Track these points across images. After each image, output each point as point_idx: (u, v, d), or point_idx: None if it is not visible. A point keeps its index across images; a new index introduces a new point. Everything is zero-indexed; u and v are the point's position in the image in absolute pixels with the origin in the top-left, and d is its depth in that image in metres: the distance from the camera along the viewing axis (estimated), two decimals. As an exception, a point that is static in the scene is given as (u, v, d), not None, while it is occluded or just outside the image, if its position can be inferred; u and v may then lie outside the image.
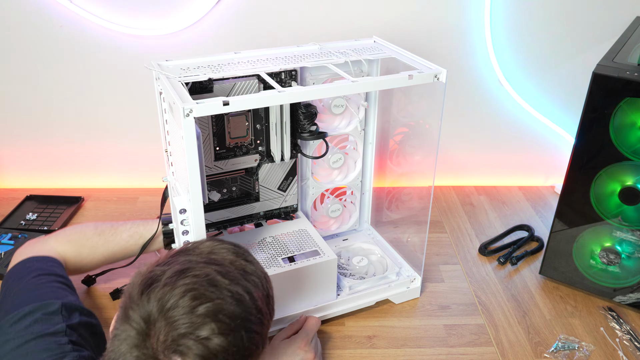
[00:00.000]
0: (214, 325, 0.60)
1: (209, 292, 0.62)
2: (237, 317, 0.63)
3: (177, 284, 0.62)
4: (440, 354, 1.05)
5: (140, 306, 0.62)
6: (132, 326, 0.61)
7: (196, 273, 0.64)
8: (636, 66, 1.03)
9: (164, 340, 0.60)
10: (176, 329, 0.60)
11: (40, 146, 1.50)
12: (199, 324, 0.60)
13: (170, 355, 0.60)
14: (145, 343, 0.61)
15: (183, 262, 0.67)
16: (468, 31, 1.41)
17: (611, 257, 1.13)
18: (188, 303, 0.61)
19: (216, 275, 0.65)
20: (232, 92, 1.00)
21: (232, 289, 0.64)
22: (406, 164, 1.26)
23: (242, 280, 0.67)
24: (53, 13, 1.32)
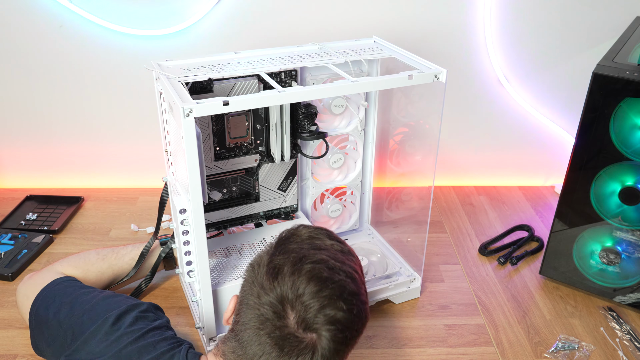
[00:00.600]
0: (340, 303, 0.69)
1: (331, 275, 0.71)
2: (355, 293, 0.72)
3: (301, 271, 0.70)
4: (440, 354, 1.05)
5: (274, 292, 0.70)
6: (270, 309, 0.70)
7: (314, 259, 0.72)
8: (636, 66, 1.03)
9: (300, 321, 0.68)
10: (309, 310, 0.68)
11: (40, 146, 1.50)
12: (328, 304, 0.68)
13: (305, 332, 0.68)
14: (284, 323, 0.69)
15: (295, 249, 0.75)
16: (468, 31, 1.41)
17: (611, 257, 1.13)
18: (316, 287, 0.69)
19: (329, 259, 0.73)
20: (232, 92, 1.00)
21: (345, 270, 0.73)
22: (406, 164, 1.26)
23: (346, 260, 0.76)
24: (53, 13, 1.32)
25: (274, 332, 0.69)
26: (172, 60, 0.98)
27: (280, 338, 0.69)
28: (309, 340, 0.68)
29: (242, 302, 0.74)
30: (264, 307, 0.70)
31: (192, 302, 1.07)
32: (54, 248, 1.30)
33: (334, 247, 0.77)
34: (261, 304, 0.70)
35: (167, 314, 0.93)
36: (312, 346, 0.69)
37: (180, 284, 1.18)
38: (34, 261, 1.25)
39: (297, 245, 0.76)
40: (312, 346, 0.69)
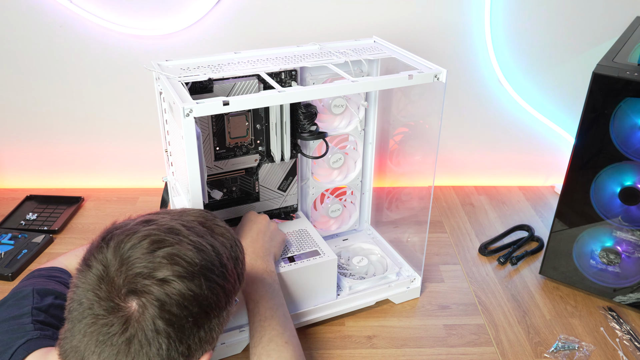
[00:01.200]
0: (171, 267, 0.60)
1: (169, 238, 0.63)
2: (195, 264, 0.62)
3: (138, 230, 0.63)
4: (440, 354, 1.05)
5: (100, 251, 0.62)
6: (91, 271, 0.61)
7: (159, 222, 0.65)
8: (636, 66, 1.03)
9: (120, 281, 0.60)
10: (132, 269, 0.60)
11: (40, 146, 1.50)
12: (156, 264, 0.60)
13: (124, 297, 0.59)
14: (100, 285, 0.60)
15: (148, 216, 0.68)
16: (468, 31, 1.41)
17: (611, 257, 1.13)
18: (146, 246, 0.61)
19: (179, 226, 0.65)
20: (232, 92, 1.00)
21: (194, 239, 0.64)
22: (406, 164, 1.26)
23: (208, 236, 0.67)
24: (53, 13, 1.32)
25: (91, 296, 0.60)
26: (172, 60, 0.98)
27: (93, 303, 0.59)
28: (127, 309, 0.59)
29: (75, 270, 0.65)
30: (88, 272, 0.61)
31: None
32: (54, 248, 1.30)
33: (203, 225, 0.69)
34: (86, 268, 0.62)
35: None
36: (127, 316, 0.59)
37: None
38: (34, 261, 1.25)
39: (155, 216, 0.68)
40: (127, 316, 0.59)
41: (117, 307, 0.59)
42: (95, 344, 0.60)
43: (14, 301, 0.81)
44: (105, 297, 0.60)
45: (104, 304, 0.59)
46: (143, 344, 0.59)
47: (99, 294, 0.60)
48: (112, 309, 0.59)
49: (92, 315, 0.60)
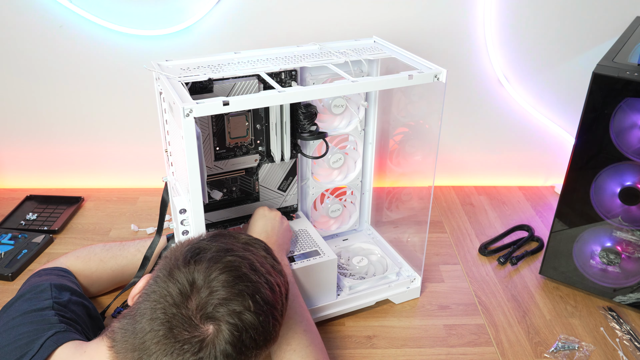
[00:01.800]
0: (250, 303, 0.65)
1: (250, 274, 0.68)
2: (269, 303, 0.68)
3: (222, 259, 0.67)
4: (440, 354, 1.05)
5: (187, 270, 0.66)
6: (177, 286, 0.65)
7: (239, 254, 0.70)
8: (636, 66, 1.03)
9: (204, 305, 0.64)
10: (215, 297, 0.64)
11: (40, 146, 1.50)
12: (236, 298, 0.65)
13: (204, 320, 0.64)
14: (185, 304, 0.64)
15: (226, 242, 0.72)
16: (468, 31, 1.41)
17: (611, 257, 1.13)
18: (230, 279, 0.66)
19: (255, 262, 0.70)
20: (232, 92, 1.00)
21: (268, 278, 0.70)
22: (406, 164, 1.26)
23: (274, 274, 0.73)
24: (53, 13, 1.32)
25: (170, 309, 0.64)
26: (172, 60, 0.98)
27: (173, 317, 0.64)
28: (204, 332, 0.64)
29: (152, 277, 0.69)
30: (171, 283, 0.65)
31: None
32: (54, 248, 1.30)
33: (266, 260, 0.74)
34: (170, 279, 0.66)
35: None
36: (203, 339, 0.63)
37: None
38: (34, 261, 1.25)
39: (230, 240, 0.73)
40: (203, 339, 0.63)
41: (196, 327, 0.64)
42: (165, 354, 0.63)
43: (32, 295, 0.83)
44: (187, 315, 0.64)
45: (185, 321, 0.64)
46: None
47: (182, 311, 0.64)
48: (191, 328, 0.64)
49: (169, 328, 0.64)
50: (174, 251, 0.71)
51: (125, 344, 0.67)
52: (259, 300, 0.67)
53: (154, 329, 0.64)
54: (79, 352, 0.72)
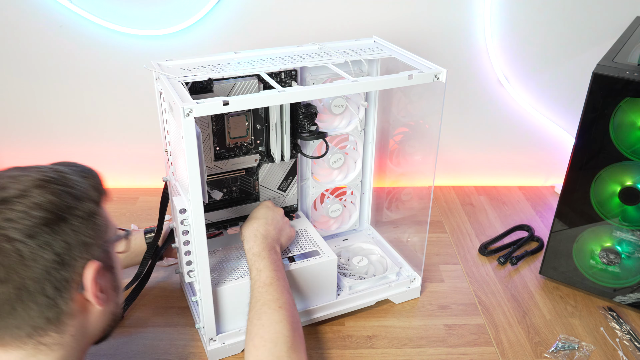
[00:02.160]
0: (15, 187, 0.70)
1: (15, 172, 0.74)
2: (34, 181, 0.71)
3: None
4: (440, 354, 1.05)
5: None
6: None
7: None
8: (636, 66, 1.03)
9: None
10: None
11: (40, 146, 1.50)
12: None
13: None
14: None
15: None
16: (468, 31, 1.41)
17: (611, 257, 1.13)
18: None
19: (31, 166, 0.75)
20: (232, 92, 1.00)
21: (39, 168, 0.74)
22: (406, 164, 1.26)
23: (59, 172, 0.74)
24: (53, 13, 1.32)
25: None
26: (172, 60, 0.98)
27: None
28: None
29: None
30: None
31: (192, 302, 1.07)
32: (54, 248, 1.29)
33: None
34: None
35: (167, 314, 0.92)
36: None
37: (180, 284, 1.18)
38: (34, 261, 1.24)
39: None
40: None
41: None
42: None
43: None
44: None
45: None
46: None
47: None
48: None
49: None
50: None
51: None
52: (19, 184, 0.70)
53: None
54: None
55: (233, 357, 1.01)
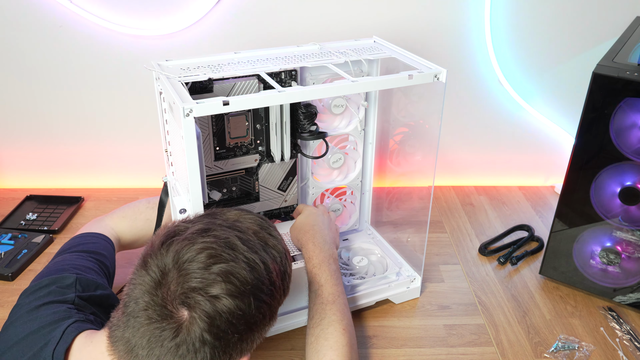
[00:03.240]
0: (224, 285, 0.64)
1: (225, 254, 0.65)
2: (247, 283, 0.65)
3: (196, 240, 0.66)
4: (440, 354, 1.05)
5: (159, 256, 0.66)
6: (149, 273, 0.65)
7: (217, 234, 0.67)
8: (636, 66, 1.03)
9: (175, 290, 0.63)
10: (188, 282, 0.63)
11: (40, 146, 1.50)
12: (211, 281, 0.63)
13: (177, 306, 0.63)
14: (157, 291, 0.64)
15: (207, 222, 0.70)
16: (468, 31, 1.41)
17: (611, 257, 1.13)
18: (203, 260, 0.64)
19: (236, 240, 0.68)
20: (232, 92, 1.00)
21: (248, 256, 0.67)
22: (406, 164, 1.26)
23: (261, 251, 0.70)
24: (53, 13, 1.32)
25: (145, 296, 0.64)
26: (172, 60, 0.98)
27: (148, 305, 0.64)
28: (179, 318, 0.63)
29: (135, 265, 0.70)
30: (144, 271, 0.65)
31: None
32: (54, 248, 1.29)
33: (257, 235, 0.71)
34: (143, 267, 0.66)
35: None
36: (179, 325, 0.63)
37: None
38: (34, 261, 1.25)
39: (213, 220, 0.71)
40: (179, 325, 0.63)
41: (170, 314, 0.64)
42: (147, 342, 0.64)
43: (56, 288, 0.84)
44: (159, 303, 0.64)
45: (158, 310, 0.64)
46: (190, 350, 0.64)
47: (154, 299, 0.64)
48: (165, 315, 0.64)
49: (147, 317, 0.64)
50: (154, 236, 0.71)
51: (117, 332, 0.68)
52: (235, 281, 0.64)
53: (135, 317, 0.65)
54: (88, 341, 0.73)
55: (233, 357, 1.01)
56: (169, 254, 0.65)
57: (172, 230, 0.69)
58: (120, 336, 0.67)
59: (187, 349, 0.64)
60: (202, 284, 0.63)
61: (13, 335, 0.76)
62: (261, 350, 1.02)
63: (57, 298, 0.82)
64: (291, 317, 1.05)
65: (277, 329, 1.04)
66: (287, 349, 1.03)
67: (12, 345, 0.75)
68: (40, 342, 0.73)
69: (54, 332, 0.74)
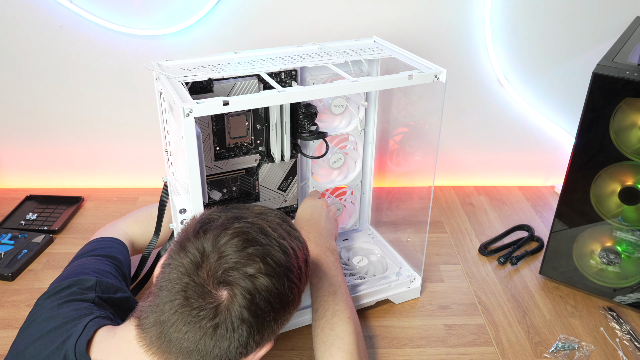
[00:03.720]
0: (262, 265, 0.66)
1: (260, 238, 0.69)
2: (281, 265, 0.69)
3: (232, 225, 0.69)
4: (440, 354, 1.05)
5: (197, 240, 0.68)
6: (188, 256, 0.67)
7: (249, 221, 0.71)
8: (636, 66, 1.03)
9: (215, 271, 0.66)
10: (226, 262, 0.66)
11: (40, 146, 1.50)
12: (248, 261, 0.66)
13: (217, 286, 0.65)
14: (197, 272, 0.66)
15: (237, 212, 0.73)
16: (468, 31, 1.41)
17: (611, 257, 1.13)
18: (240, 243, 0.67)
19: (267, 227, 0.71)
20: (232, 92, 1.00)
21: (280, 241, 0.71)
22: (406, 164, 1.26)
23: (288, 238, 0.73)
24: (53, 13, 1.32)
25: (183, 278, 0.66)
26: (172, 60, 0.98)
27: (187, 286, 0.66)
28: (218, 297, 0.65)
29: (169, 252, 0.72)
30: (183, 254, 0.67)
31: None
32: (54, 248, 1.30)
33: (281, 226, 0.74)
34: (181, 251, 0.68)
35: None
36: (218, 304, 0.65)
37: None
38: (34, 261, 1.25)
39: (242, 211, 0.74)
40: (218, 305, 0.65)
41: (210, 294, 0.65)
42: (184, 323, 0.66)
43: (77, 289, 0.86)
44: (199, 283, 0.66)
45: (198, 289, 0.66)
46: (228, 329, 0.66)
47: (195, 279, 0.66)
48: (204, 295, 0.65)
49: (184, 298, 0.66)
50: (187, 225, 0.73)
51: (148, 319, 0.69)
52: (271, 262, 0.67)
53: (171, 300, 0.66)
54: (110, 335, 0.75)
55: (233, 357, 1.01)
56: (207, 238, 0.68)
57: (206, 218, 0.72)
58: (153, 322, 0.68)
59: (226, 328, 0.65)
60: (239, 264, 0.66)
61: (36, 331, 0.78)
62: (261, 350, 1.02)
63: (78, 297, 0.84)
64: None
65: (277, 329, 1.04)
66: (287, 349, 1.03)
67: (35, 340, 0.76)
68: (63, 336, 0.75)
69: (76, 326, 0.76)
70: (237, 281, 0.65)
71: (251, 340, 0.68)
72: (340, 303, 0.93)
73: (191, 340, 0.66)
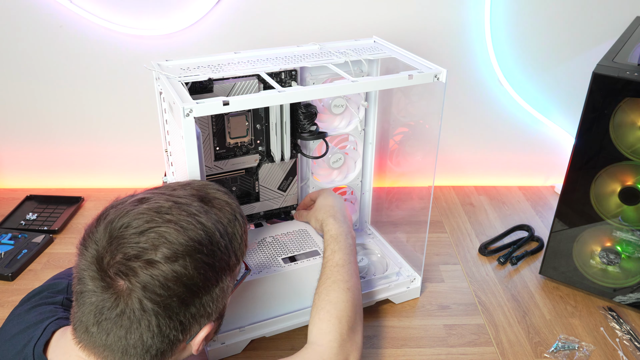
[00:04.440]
0: (157, 249, 0.63)
1: (157, 218, 0.65)
2: (180, 244, 0.64)
3: (130, 211, 0.66)
4: (440, 354, 1.05)
5: (94, 232, 0.66)
6: (88, 250, 0.66)
7: (150, 203, 0.67)
8: (636, 66, 1.03)
9: (110, 260, 0.64)
10: (121, 250, 0.63)
11: (40, 146, 1.50)
12: (142, 247, 0.63)
13: (114, 276, 0.63)
14: (96, 265, 0.64)
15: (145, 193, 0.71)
16: (468, 31, 1.41)
17: (611, 257, 1.13)
18: (134, 227, 0.64)
19: (171, 204, 0.67)
20: (232, 92, 1.00)
21: (183, 219, 0.66)
22: (406, 164, 1.26)
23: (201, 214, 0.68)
24: (53, 13, 1.32)
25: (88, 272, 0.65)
26: (172, 60, 0.98)
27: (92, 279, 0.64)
28: (117, 287, 0.63)
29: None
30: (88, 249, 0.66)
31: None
32: (54, 248, 1.30)
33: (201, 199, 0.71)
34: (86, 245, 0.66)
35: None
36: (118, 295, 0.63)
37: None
38: (34, 261, 1.25)
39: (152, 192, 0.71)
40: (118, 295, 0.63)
41: (108, 285, 0.64)
42: (94, 316, 0.65)
43: (49, 293, 0.85)
44: (97, 277, 0.64)
45: (97, 283, 0.64)
46: (132, 319, 0.64)
47: (93, 274, 0.65)
48: (104, 287, 0.64)
49: (90, 292, 0.65)
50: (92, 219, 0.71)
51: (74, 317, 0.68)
52: (166, 243, 0.64)
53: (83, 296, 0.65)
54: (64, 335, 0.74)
55: (233, 357, 1.01)
56: (101, 226, 0.66)
57: (110, 204, 0.70)
58: (77, 320, 0.67)
59: (129, 318, 0.64)
60: (134, 251, 0.63)
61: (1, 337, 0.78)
62: (261, 350, 1.02)
63: (46, 301, 0.83)
64: (291, 317, 1.05)
65: (277, 329, 1.04)
66: (288, 349, 1.03)
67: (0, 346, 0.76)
68: (24, 340, 0.74)
69: (36, 330, 0.75)
70: (133, 271, 0.63)
71: (165, 327, 0.65)
72: (344, 274, 0.93)
73: (105, 334, 0.65)
